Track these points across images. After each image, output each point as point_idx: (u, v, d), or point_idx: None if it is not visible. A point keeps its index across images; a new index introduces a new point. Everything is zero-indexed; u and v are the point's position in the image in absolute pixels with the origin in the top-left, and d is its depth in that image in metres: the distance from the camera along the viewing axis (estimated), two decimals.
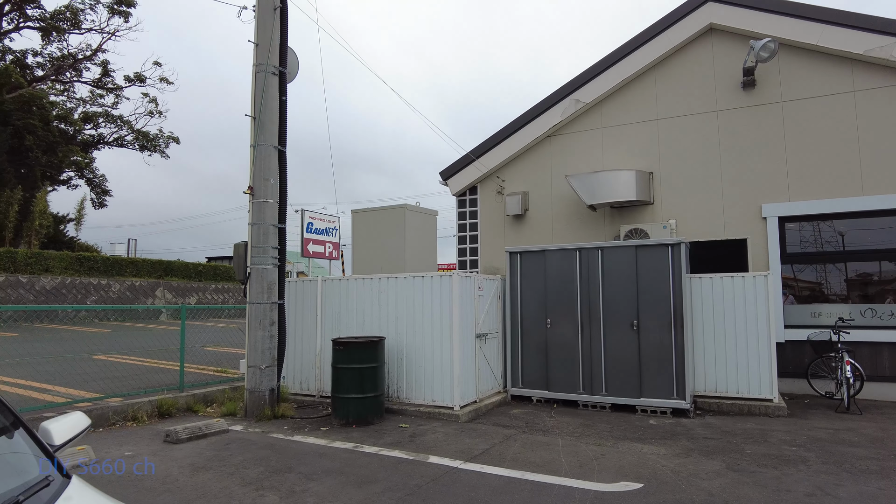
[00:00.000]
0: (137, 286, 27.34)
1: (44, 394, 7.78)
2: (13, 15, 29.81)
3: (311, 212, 35.84)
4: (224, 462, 5.38)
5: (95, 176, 35.08)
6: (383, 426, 6.89)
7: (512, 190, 11.24)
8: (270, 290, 7.77)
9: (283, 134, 8.10)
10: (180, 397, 7.81)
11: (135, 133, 35.27)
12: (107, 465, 5.23)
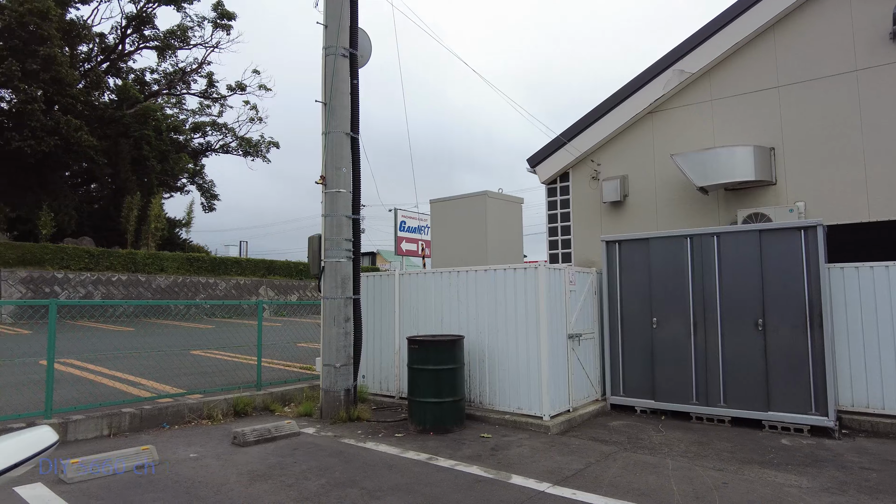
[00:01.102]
0: (242, 284, 28.67)
1: (134, 387, 7.86)
2: (133, 37, 32.34)
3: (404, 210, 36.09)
4: (285, 471, 4.93)
5: (205, 181, 37.42)
6: (463, 435, 6.20)
7: (608, 174, 10.15)
8: (345, 284, 7.33)
9: (355, 120, 7.65)
10: (257, 396, 7.59)
11: (238, 140, 37.21)
12: (166, 468, 4.95)
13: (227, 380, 8.53)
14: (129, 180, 29.41)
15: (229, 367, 10.02)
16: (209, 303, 9.20)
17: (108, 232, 29.75)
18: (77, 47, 29.05)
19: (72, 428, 5.83)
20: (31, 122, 23.90)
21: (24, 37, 23.62)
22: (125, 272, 24.68)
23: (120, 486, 4.45)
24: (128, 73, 33.75)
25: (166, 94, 35.40)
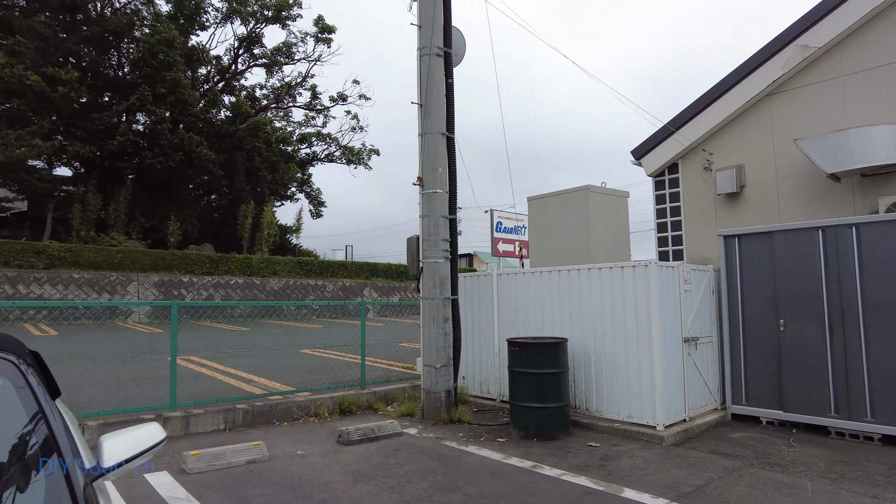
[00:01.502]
0: (348, 286, 29.84)
1: (248, 384, 8.30)
2: (244, 57, 34.73)
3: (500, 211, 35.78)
4: (388, 472, 4.92)
5: (312, 190, 39.37)
6: (569, 443, 5.90)
7: (722, 164, 9.35)
8: (443, 284, 7.28)
9: (450, 119, 7.58)
10: (361, 395, 7.73)
11: (342, 149, 38.79)
12: (274, 464, 5.11)
13: (333, 378, 8.79)
14: (243, 190, 31.60)
15: (335, 365, 10.35)
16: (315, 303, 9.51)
17: (226, 239, 32.15)
18: (197, 70, 31.68)
19: (192, 421, 6.22)
20: (160, 141, 26.34)
21: (155, 65, 26.09)
22: (242, 276, 26.50)
23: (233, 480, 4.64)
24: (240, 90, 36.31)
25: (274, 107, 37.68)
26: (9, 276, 20.43)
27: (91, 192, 25.71)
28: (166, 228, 27.30)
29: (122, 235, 25.79)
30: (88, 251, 22.75)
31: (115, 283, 22.58)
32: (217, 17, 32.60)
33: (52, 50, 25.67)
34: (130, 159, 26.84)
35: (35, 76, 23.44)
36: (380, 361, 10.83)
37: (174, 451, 5.39)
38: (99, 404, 6.62)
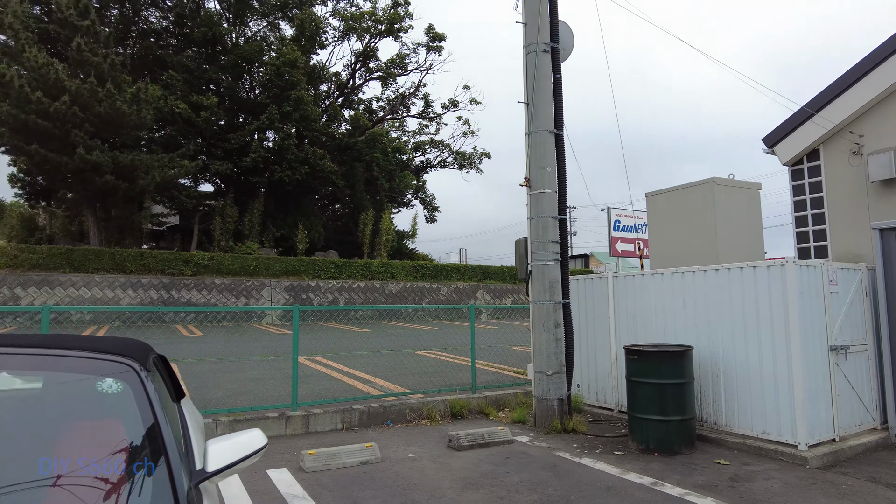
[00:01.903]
0: (461, 289, 30.19)
1: (365, 384, 8.60)
2: (361, 71, 36.43)
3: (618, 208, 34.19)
4: (497, 481, 4.80)
5: (426, 196, 40.37)
6: (693, 459, 5.41)
7: (875, 147, 8.14)
8: (552, 288, 7.03)
9: (558, 116, 7.32)
10: (472, 399, 7.69)
11: (454, 154, 39.39)
12: (386, 466, 5.20)
13: (446, 381, 8.85)
14: (363, 199, 33.14)
15: (448, 367, 10.43)
16: (425, 307, 9.65)
17: (348, 245, 33.88)
18: (319, 87, 33.75)
19: (312, 421, 6.53)
20: (287, 156, 28.38)
21: (281, 85, 28.18)
22: (363, 279, 27.76)
23: (346, 480, 4.77)
24: (358, 104, 38.15)
25: (390, 118, 39.15)
26: (164, 283, 23.07)
27: (229, 205, 28.31)
28: (295, 237, 29.33)
29: (256, 244, 28.10)
30: (228, 259, 25.04)
31: (250, 287, 24.64)
32: (335, 35, 34.57)
33: (196, 80, 28.66)
34: (262, 174, 29.20)
35: (183, 105, 26.28)
36: (491, 365, 10.75)
37: (295, 448, 5.69)
38: (232, 401, 7.18)
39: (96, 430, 1.91)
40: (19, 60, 20.96)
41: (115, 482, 1.64)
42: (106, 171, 21.52)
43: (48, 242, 25.32)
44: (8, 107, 19.65)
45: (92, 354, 2.07)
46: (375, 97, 38.72)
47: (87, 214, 24.74)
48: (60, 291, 21.21)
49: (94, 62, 21.89)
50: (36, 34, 22.66)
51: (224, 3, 31.07)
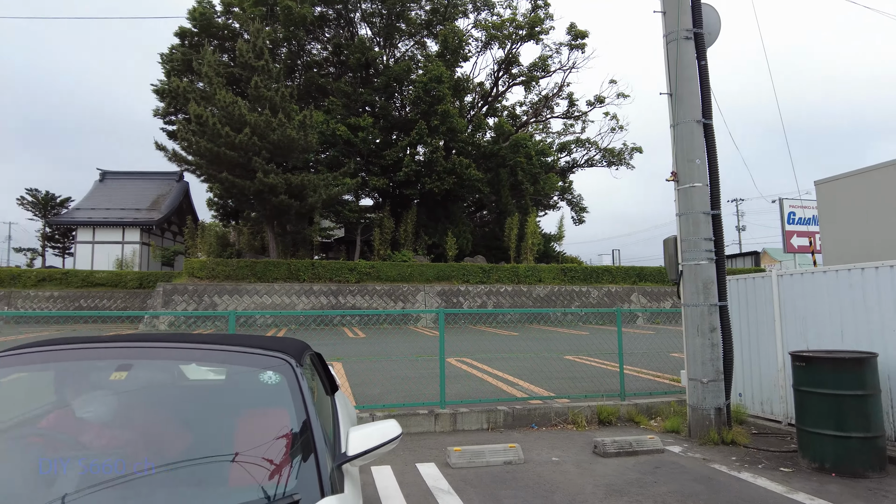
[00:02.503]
0: (613, 292, 29.09)
1: (510, 386, 8.72)
2: (504, 78, 36.86)
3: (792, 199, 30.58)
4: (644, 490, 4.62)
5: (573, 197, 39.58)
6: (883, 484, 4.72)
7: None
8: (707, 289, 6.56)
9: (706, 104, 6.83)
10: (621, 406, 7.43)
11: (601, 151, 38.17)
12: (528, 467, 5.25)
13: (594, 386, 8.64)
14: (508, 204, 33.45)
15: (597, 373, 10.17)
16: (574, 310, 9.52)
17: (495, 250, 34.38)
18: (463, 98, 34.79)
19: (459, 419, 6.79)
20: (436, 168, 29.64)
21: (428, 100, 29.55)
22: (510, 283, 28.00)
23: (489, 479, 4.92)
24: (502, 110, 38.63)
25: (534, 121, 39.06)
26: (332, 289, 25.35)
27: (386, 217, 30.30)
28: (445, 244, 30.51)
29: (410, 252, 29.72)
30: (386, 266, 26.81)
31: (406, 292, 26.10)
32: (477, 46, 35.41)
33: (353, 103, 31.16)
34: (414, 186, 30.82)
35: (343, 127, 28.72)
36: (645, 372, 10.26)
37: (442, 445, 5.97)
38: (388, 397, 7.74)
39: (259, 413, 2.26)
40: (212, 102, 24.51)
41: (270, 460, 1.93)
42: (281, 192, 24.27)
43: (237, 256, 29.17)
44: (205, 142, 23.07)
45: (258, 351, 2.46)
46: (518, 102, 39.08)
47: (266, 230, 28.09)
48: (247, 298, 24.31)
49: (268, 96, 24.84)
50: (224, 78, 26.33)
51: (375, 29, 33.44)
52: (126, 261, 33.46)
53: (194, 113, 23.30)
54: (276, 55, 31.11)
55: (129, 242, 34.98)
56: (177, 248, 36.26)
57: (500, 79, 36.86)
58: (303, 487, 1.79)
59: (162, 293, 23.70)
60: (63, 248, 42.25)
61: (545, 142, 38.11)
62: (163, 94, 31.66)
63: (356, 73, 33.36)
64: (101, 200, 37.08)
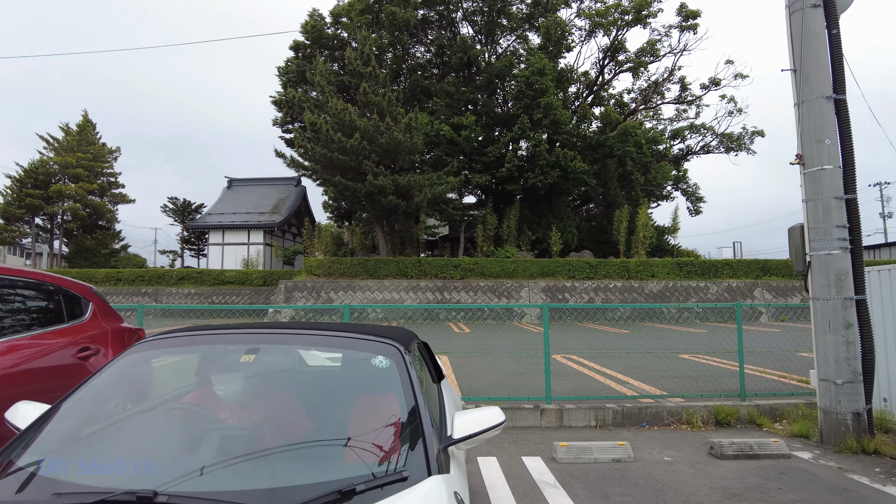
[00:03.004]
0: (734, 287, 27.15)
1: (619, 384, 8.46)
2: (610, 66, 35.61)
3: None
4: (766, 496, 4.31)
5: (688, 186, 37.41)
6: None
7: None
8: (840, 281, 5.96)
9: (838, 78, 6.20)
10: (740, 406, 6.95)
11: (718, 137, 35.76)
12: (638, 466, 5.08)
13: (711, 386, 8.16)
14: (617, 196, 32.28)
15: (714, 372, 9.58)
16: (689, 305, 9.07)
17: (603, 244, 33.34)
18: (567, 90, 34.04)
19: (566, 415, 6.71)
20: (539, 162, 29.29)
21: (531, 94, 29.26)
22: (620, 279, 27.04)
23: (597, 475, 4.83)
24: (608, 99, 37.30)
25: (643, 109, 37.35)
26: (437, 285, 25.94)
27: (489, 213, 30.43)
28: (549, 239, 30.08)
29: (513, 248, 29.62)
30: (490, 263, 26.94)
31: (510, 288, 26.07)
32: (581, 35, 34.47)
33: (456, 102, 31.59)
34: (517, 181, 30.67)
35: (446, 127, 29.24)
36: (769, 372, 9.51)
37: (548, 440, 5.95)
38: (493, 391, 7.82)
39: (371, 395, 2.42)
40: (325, 109, 25.97)
41: (381, 439, 2.06)
42: (389, 193, 25.21)
43: (350, 255, 30.70)
44: (319, 148, 24.51)
45: (370, 338, 2.63)
46: (626, 89, 37.52)
47: (376, 230, 29.31)
48: (360, 294, 25.53)
49: (376, 101, 25.87)
50: (335, 86, 27.79)
51: (476, 27, 33.64)
52: (251, 260, 36.43)
53: (309, 121, 24.82)
54: (382, 61, 32.30)
55: (253, 243, 38.02)
56: (296, 247, 38.84)
57: (605, 67, 35.63)
58: (411, 466, 1.89)
59: (284, 290, 25.54)
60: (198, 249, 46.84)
61: (656, 129, 36.29)
62: (280, 105, 34.05)
63: (458, 73, 33.77)
64: (229, 205, 40.63)
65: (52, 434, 2.03)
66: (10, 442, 1.99)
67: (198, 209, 45.93)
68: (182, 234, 46.64)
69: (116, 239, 40.67)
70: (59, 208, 36.59)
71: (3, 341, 3.39)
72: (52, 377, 3.73)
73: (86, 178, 37.66)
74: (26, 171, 36.50)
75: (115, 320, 4.71)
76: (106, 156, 40.19)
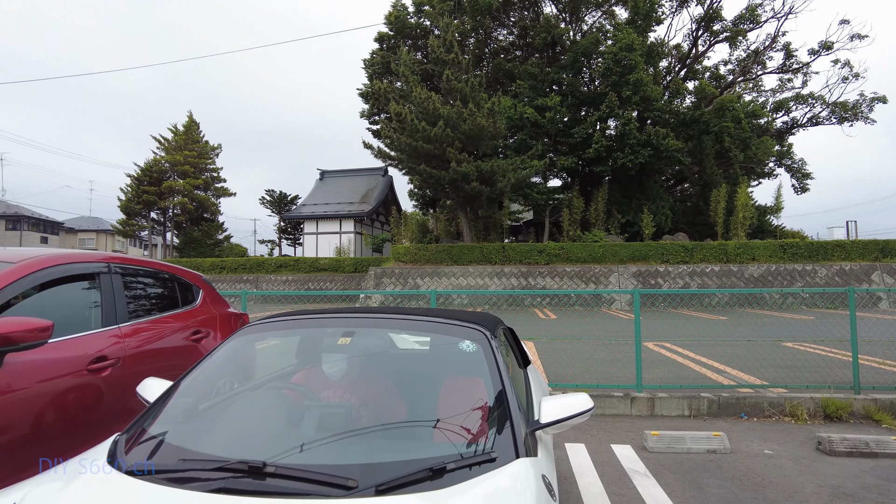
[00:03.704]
0: (847, 270, 24.94)
1: (715, 373, 8.08)
2: (704, 36, 33.51)
3: None
4: (886, 498, 3.99)
5: (793, 161, 34.75)
6: None
7: None
8: None
9: None
10: (854, 400, 6.42)
11: (829, 106, 32.83)
12: (736, 458, 4.85)
13: (819, 377, 7.60)
14: (713, 174, 30.50)
15: (823, 362, 8.89)
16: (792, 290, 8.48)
17: (698, 226, 31.67)
18: (658, 64, 32.42)
19: (657, 404, 6.52)
20: (629, 141, 28.21)
21: (619, 71, 28.17)
22: (717, 263, 25.62)
23: (690, 465, 4.67)
24: (703, 72, 35.15)
25: (741, 81, 34.91)
26: (522, 271, 25.80)
27: (575, 196, 29.74)
28: (640, 221, 28.98)
29: (601, 232, 28.82)
30: (576, 248, 26.39)
31: (598, 274, 25.44)
32: (672, 6, 32.64)
33: (540, 84, 31.01)
34: (605, 162, 29.73)
35: (530, 109, 28.82)
36: (890, 363, 8.70)
37: (638, 428, 5.82)
38: (581, 378, 7.73)
39: (459, 378, 2.50)
40: (409, 99, 26.39)
41: (470, 421, 2.13)
42: (472, 179, 25.30)
43: (435, 242, 31.17)
44: (404, 137, 24.99)
45: (457, 322, 2.71)
46: (722, 61, 35.14)
47: (460, 216, 29.54)
48: (445, 280, 25.92)
49: (459, 87, 25.93)
50: (418, 75, 28.13)
51: (560, 5, 32.74)
52: (343, 248, 37.97)
53: (394, 111, 25.35)
54: (464, 47, 32.27)
55: (345, 232, 39.57)
56: (384, 235, 39.99)
57: (699, 38, 33.54)
58: (499, 448, 1.94)
59: (373, 276, 26.43)
60: (294, 238, 49.36)
61: (756, 102, 33.78)
62: (367, 97, 34.97)
63: (542, 54, 33.08)
64: (322, 196, 42.47)
65: (174, 408, 2.27)
66: (142, 413, 2.25)
67: (293, 200, 48.33)
68: (279, 225, 49.31)
69: (220, 230, 43.73)
70: (170, 203, 39.85)
71: (130, 324, 3.80)
72: (171, 357, 4.12)
73: (192, 175, 40.74)
74: (143, 169, 40.06)
75: (222, 305, 5.11)
76: (209, 153, 43.20)
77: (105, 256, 3.89)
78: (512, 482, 1.77)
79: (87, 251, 3.94)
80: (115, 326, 3.64)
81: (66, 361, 3.15)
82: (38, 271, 3.23)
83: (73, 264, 3.52)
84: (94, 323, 3.52)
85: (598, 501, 3.92)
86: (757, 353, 9.74)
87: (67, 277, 3.47)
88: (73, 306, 3.50)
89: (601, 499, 3.97)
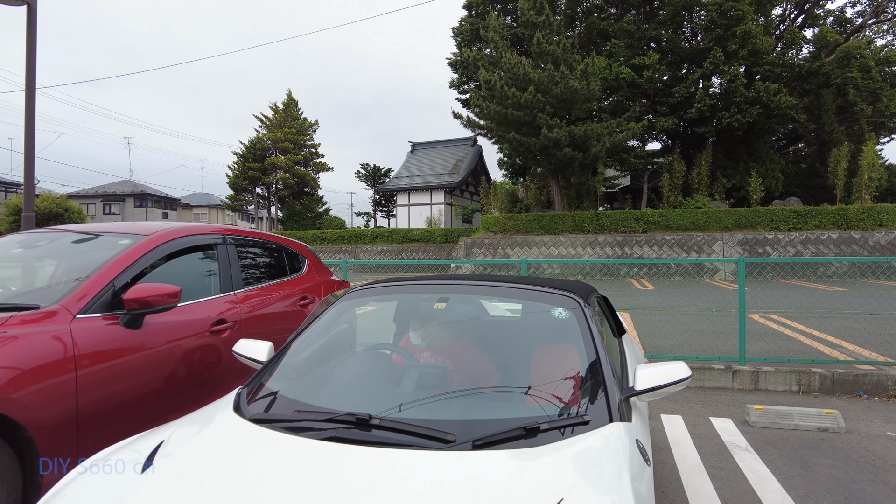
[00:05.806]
0: None
1: (830, 348, 7.53)
2: None
3: None
4: None
5: None
6: None
7: None
8: None
9: None
10: None
11: None
12: (850, 439, 4.54)
13: None
14: (834, 132, 27.72)
15: None
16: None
17: (814, 189, 29.08)
18: (770, 13, 29.58)
19: (762, 378, 6.20)
20: (735, 99, 26.19)
21: (724, 24, 26.04)
22: (835, 229, 23.48)
23: (797, 443, 4.44)
24: (825, 17, 31.67)
25: (873, 23, 31.09)
26: (617, 240, 25.01)
27: (676, 160, 28.16)
28: (747, 185, 27.06)
29: (705, 197, 27.18)
30: (677, 214, 25.13)
31: (700, 242, 24.13)
32: None
33: (636, 42, 29.34)
34: (708, 123, 27.84)
35: (626, 69, 27.45)
36: None
37: (740, 402, 5.58)
38: (679, 350, 7.49)
39: (552, 343, 2.55)
40: (498, 65, 25.99)
41: (563, 385, 2.19)
42: (564, 145, 24.65)
43: (525, 211, 30.86)
44: (493, 105, 24.74)
45: (550, 290, 2.75)
46: (850, 2, 31.27)
47: (551, 184, 28.98)
48: (535, 250, 25.70)
49: (550, 50, 25.15)
50: (508, 40, 27.56)
51: None
52: (434, 219, 38.57)
53: (483, 79, 25.09)
54: (555, 7, 31.12)
55: (436, 203, 40.12)
56: (474, 206, 40.12)
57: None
58: (593, 412, 1.98)
59: (463, 246, 26.72)
60: (388, 210, 50.73)
61: (891, 46, 30.01)
62: (456, 66, 34.80)
63: (639, 10, 31.22)
64: (413, 168, 43.20)
65: (287, 366, 2.51)
66: (259, 370, 2.50)
67: (386, 173, 49.54)
68: (374, 197, 50.86)
69: (320, 203, 45.84)
70: (273, 178, 42.23)
71: (244, 290, 4.16)
72: (280, 321, 4.47)
73: (292, 151, 42.83)
74: (247, 147, 42.66)
75: (325, 274, 5.45)
76: (307, 129, 45.12)
77: (220, 228, 4.26)
78: (605, 443, 1.81)
79: (204, 224, 4.33)
80: (231, 293, 4.00)
81: (192, 324, 3.52)
82: (165, 243, 3.62)
83: (193, 236, 3.90)
84: (214, 289, 3.90)
85: (694, 473, 3.85)
86: (881, 328, 8.91)
87: (190, 248, 3.85)
88: (195, 274, 3.89)
89: (698, 471, 3.89)
